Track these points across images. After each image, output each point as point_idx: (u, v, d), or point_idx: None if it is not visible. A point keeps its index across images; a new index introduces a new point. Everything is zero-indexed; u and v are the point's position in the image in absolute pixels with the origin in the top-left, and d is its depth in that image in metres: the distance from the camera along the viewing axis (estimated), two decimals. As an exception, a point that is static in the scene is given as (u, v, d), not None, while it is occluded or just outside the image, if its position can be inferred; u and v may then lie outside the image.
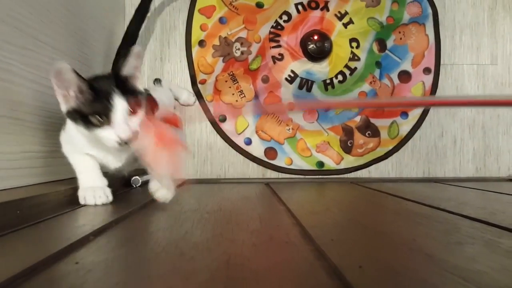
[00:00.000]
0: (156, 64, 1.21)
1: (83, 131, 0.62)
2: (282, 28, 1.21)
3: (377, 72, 1.22)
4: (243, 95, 1.20)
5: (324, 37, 1.19)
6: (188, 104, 1.18)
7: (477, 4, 1.25)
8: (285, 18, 1.21)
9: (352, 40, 1.21)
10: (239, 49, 1.20)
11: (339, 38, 1.21)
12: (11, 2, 0.65)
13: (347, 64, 1.21)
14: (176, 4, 1.21)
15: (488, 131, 1.25)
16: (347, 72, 1.21)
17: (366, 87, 1.22)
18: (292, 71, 1.20)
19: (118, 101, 0.60)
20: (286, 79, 1.21)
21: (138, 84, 0.67)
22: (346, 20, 1.21)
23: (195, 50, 1.20)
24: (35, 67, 0.71)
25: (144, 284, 0.29)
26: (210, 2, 1.20)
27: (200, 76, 1.20)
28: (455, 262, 0.34)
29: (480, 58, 1.25)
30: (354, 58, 1.21)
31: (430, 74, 1.23)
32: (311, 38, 1.19)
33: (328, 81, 1.21)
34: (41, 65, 0.73)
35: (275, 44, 1.21)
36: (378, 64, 1.22)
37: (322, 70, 1.21)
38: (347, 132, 1.21)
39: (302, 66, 1.21)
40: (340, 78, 1.21)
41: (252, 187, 0.98)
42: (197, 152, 1.21)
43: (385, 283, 0.29)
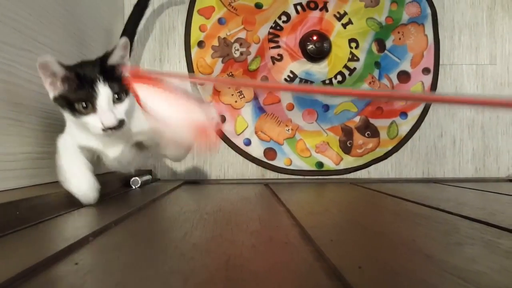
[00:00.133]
0: (155, 65, 1.21)
1: (70, 118, 0.63)
2: (281, 28, 1.21)
3: (376, 73, 1.22)
4: (242, 96, 1.20)
5: (323, 37, 1.20)
6: (187, 105, 1.19)
7: (476, 4, 1.26)
8: (284, 18, 1.21)
9: (351, 40, 1.22)
10: (238, 49, 1.20)
11: (338, 38, 1.21)
12: (10, 3, 0.65)
13: (346, 64, 1.21)
14: (175, 5, 1.22)
15: (488, 131, 1.25)
16: (346, 72, 1.21)
17: (366, 87, 1.22)
18: (291, 72, 1.20)
19: (102, 88, 0.60)
20: (286, 80, 1.21)
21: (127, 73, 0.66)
22: (345, 20, 1.22)
23: (194, 51, 1.20)
24: (34, 68, 0.70)
25: (143, 285, 0.29)
26: (209, 3, 1.20)
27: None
28: (455, 262, 0.34)
29: (479, 58, 1.25)
30: (353, 58, 1.21)
31: (429, 74, 1.23)
32: (310, 39, 1.19)
33: (327, 81, 1.21)
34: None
35: (274, 44, 1.21)
36: (377, 64, 1.22)
37: (321, 70, 1.21)
38: (346, 133, 1.21)
39: (301, 67, 1.21)
40: (339, 78, 1.21)
41: (251, 188, 0.98)
42: (196, 152, 1.21)
43: (384, 284, 0.29)
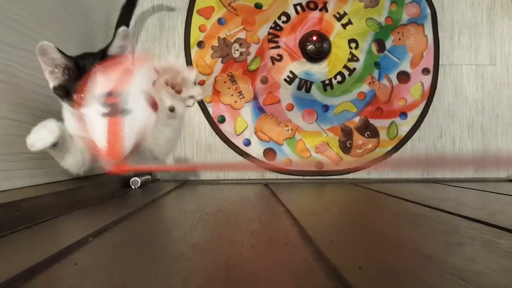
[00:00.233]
0: (155, 65, 1.21)
1: (68, 108, 0.62)
2: (281, 29, 1.21)
3: (376, 73, 1.22)
4: (242, 96, 1.20)
5: (323, 37, 1.20)
6: (187, 105, 1.19)
7: (475, 5, 1.26)
8: (284, 19, 1.21)
9: (351, 40, 1.22)
10: (238, 50, 1.20)
11: (338, 38, 1.21)
12: (10, 4, 0.65)
13: (346, 64, 1.21)
14: (175, 5, 1.22)
15: (487, 132, 1.25)
16: (346, 72, 1.21)
17: (365, 87, 1.22)
18: (291, 72, 1.20)
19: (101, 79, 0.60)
20: (285, 80, 1.21)
21: (127, 63, 0.66)
22: (345, 20, 1.22)
23: (194, 51, 1.20)
24: (34, 68, 0.71)
25: (143, 286, 0.29)
26: (209, 3, 1.20)
27: (199, 77, 1.20)
28: (454, 262, 0.34)
29: (479, 59, 1.26)
30: (353, 58, 1.21)
31: (429, 74, 1.23)
32: (310, 39, 1.19)
33: (327, 81, 1.21)
34: (40, 66, 0.72)
35: (274, 45, 1.21)
36: (377, 64, 1.22)
37: (321, 70, 1.21)
38: (346, 133, 1.21)
39: (301, 67, 1.21)
40: (339, 78, 1.21)
41: (251, 188, 0.98)
42: (196, 153, 1.21)
43: (384, 284, 0.29)
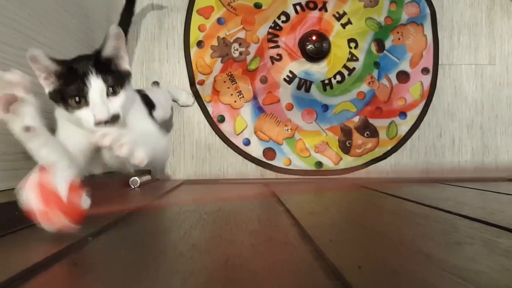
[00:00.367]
0: (155, 65, 1.21)
1: (64, 113, 0.61)
2: (281, 28, 1.21)
3: (375, 73, 1.22)
4: (241, 96, 1.20)
5: (322, 37, 1.20)
6: (187, 105, 1.20)
7: (475, 4, 1.26)
8: (283, 18, 1.21)
9: (350, 40, 1.22)
10: (237, 49, 1.20)
11: (338, 38, 1.21)
12: (9, 4, 0.65)
13: (345, 64, 1.21)
14: (174, 5, 1.21)
15: (487, 131, 1.25)
16: (346, 72, 1.21)
17: (365, 87, 1.22)
18: (291, 72, 1.20)
19: (94, 81, 0.59)
20: (285, 80, 1.21)
21: (125, 64, 0.65)
22: (344, 20, 1.22)
23: (194, 50, 1.20)
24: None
25: (143, 285, 0.29)
26: (208, 3, 1.20)
27: (198, 77, 1.20)
28: (454, 262, 0.34)
29: (478, 58, 1.26)
30: (353, 58, 1.21)
31: (428, 74, 1.23)
32: (310, 39, 1.19)
33: (326, 81, 1.21)
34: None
35: (274, 44, 1.21)
36: (377, 64, 1.22)
37: (320, 70, 1.21)
38: (345, 133, 1.21)
39: (301, 67, 1.21)
40: (338, 78, 1.21)
41: (250, 188, 0.98)
42: (195, 153, 1.21)
43: (384, 283, 0.29)
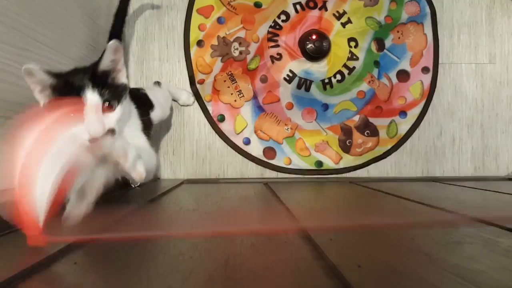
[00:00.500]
0: (155, 64, 1.21)
1: None
2: (281, 27, 1.21)
3: (375, 72, 1.22)
4: (241, 95, 1.20)
5: (322, 36, 1.19)
6: (187, 105, 1.20)
7: (475, 3, 1.26)
8: (283, 17, 1.21)
9: (350, 39, 1.21)
10: (237, 49, 1.20)
11: (338, 37, 1.21)
12: (8, 3, 0.65)
13: (345, 63, 1.21)
14: (174, 4, 1.21)
15: (487, 130, 1.25)
16: (346, 71, 1.21)
17: (365, 86, 1.22)
18: (291, 71, 1.20)
19: (90, 95, 0.56)
20: (285, 79, 1.21)
21: (122, 78, 0.64)
22: (344, 19, 1.21)
23: (194, 50, 1.20)
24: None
25: (143, 285, 0.29)
26: (208, 2, 1.20)
27: (198, 76, 1.20)
28: (454, 261, 0.34)
29: (479, 57, 1.25)
30: (353, 57, 1.21)
31: (428, 73, 1.23)
32: (310, 38, 1.19)
33: (326, 80, 1.21)
34: (40, 65, 0.72)
35: (274, 43, 1.21)
36: (377, 63, 1.22)
37: (320, 69, 1.21)
38: (345, 132, 1.21)
39: (301, 66, 1.21)
40: (338, 77, 1.21)
41: (251, 187, 0.98)
42: (195, 152, 1.21)
43: (384, 283, 0.29)
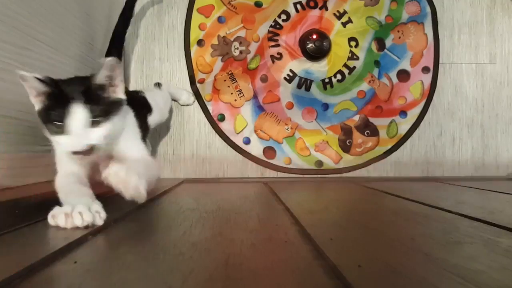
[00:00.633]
0: (155, 64, 1.21)
1: (47, 134, 0.58)
2: (281, 27, 1.21)
3: (376, 71, 1.22)
4: (242, 95, 1.20)
5: (323, 36, 1.19)
6: (187, 104, 1.20)
7: (475, 3, 1.25)
8: (283, 17, 1.21)
9: (351, 39, 1.21)
10: (237, 48, 1.20)
11: (338, 37, 1.21)
12: (9, 2, 0.65)
13: (346, 63, 1.21)
14: (174, 4, 1.21)
15: (487, 130, 1.25)
16: (346, 71, 1.21)
17: (365, 86, 1.22)
18: (291, 70, 1.20)
19: (78, 109, 0.55)
20: (285, 78, 1.20)
21: (118, 93, 0.62)
22: (345, 19, 1.21)
23: (194, 49, 1.20)
24: (33, 66, 0.71)
25: (142, 284, 0.29)
26: (208, 2, 1.20)
27: (198, 76, 1.20)
28: (454, 261, 0.34)
29: (479, 57, 1.25)
30: (353, 57, 1.21)
31: (429, 73, 1.23)
32: (310, 37, 1.19)
33: (327, 80, 1.21)
34: (39, 64, 0.73)
35: (274, 43, 1.21)
36: (377, 63, 1.22)
37: (321, 69, 1.21)
38: (346, 131, 1.21)
39: (301, 65, 1.21)
40: (339, 77, 1.21)
41: (250, 187, 0.98)
42: (196, 152, 1.21)
43: (384, 283, 0.29)
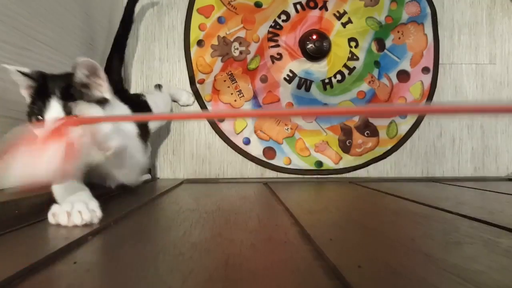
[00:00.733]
0: (155, 64, 1.21)
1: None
2: (281, 27, 1.21)
3: (376, 72, 1.22)
4: (241, 95, 1.20)
5: (322, 36, 1.19)
6: (187, 105, 1.20)
7: (475, 4, 1.26)
8: (283, 17, 1.21)
9: (350, 39, 1.21)
10: (237, 48, 1.20)
11: (338, 37, 1.21)
12: (8, 2, 0.65)
13: (345, 63, 1.21)
14: (174, 4, 1.21)
15: (487, 131, 1.25)
16: (346, 71, 1.21)
17: (365, 86, 1.22)
18: (291, 71, 1.20)
19: (54, 105, 0.57)
20: (285, 79, 1.21)
21: (102, 92, 0.63)
22: (344, 19, 1.21)
23: (194, 50, 1.20)
24: (33, 66, 0.70)
25: (142, 284, 0.29)
26: (208, 2, 1.20)
27: (198, 76, 1.20)
28: (454, 261, 0.34)
29: (479, 58, 1.25)
30: (353, 57, 1.21)
31: (428, 73, 1.23)
32: (310, 38, 1.19)
33: (326, 80, 1.21)
34: (39, 65, 0.72)
35: (274, 43, 1.21)
36: (377, 63, 1.22)
37: (320, 69, 1.21)
38: (345, 132, 1.21)
39: (301, 66, 1.21)
40: (338, 77, 1.21)
41: (250, 187, 0.98)
42: (195, 152, 1.21)
43: (384, 283, 0.29)
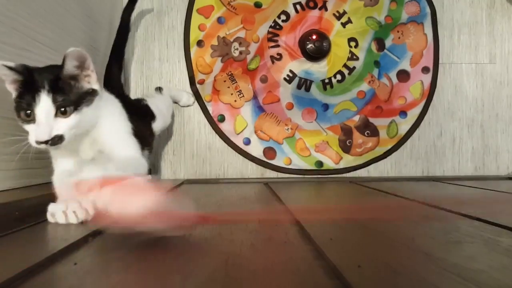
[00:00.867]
0: (155, 65, 1.21)
1: (19, 123, 0.59)
2: (281, 27, 1.21)
3: (375, 72, 1.22)
4: (241, 95, 1.20)
5: (322, 36, 1.19)
6: (188, 105, 1.20)
7: (475, 3, 1.25)
8: (283, 17, 1.21)
9: (350, 39, 1.21)
10: (237, 49, 1.20)
11: (338, 37, 1.21)
12: (8, 3, 0.65)
13: (345, 63, 1.21)
14: (174, 4, 1.21)
15: (487, 130, 1.25)
16: (346, 71, 1.21)
17: (365, 86, 1.22)
18: (291, 71, 1.20)
19: (44, 98, 0.56)
20: (285, 79, 1.20)
21: (91, 83, 0.62)
22: (344, 19, 1.21)
23: (194, 50, 1.20)
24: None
25: (142, 285, 0.29)
26: (208, 2, 1.20)
27: (198, 76, 1.20)
28: (454, 261, 0.34)
29: (479, 57, 1.25)
30: (353, 57, 1.21)
31: (428, 73, 1.23)
32: (310, 38, 1.19)
33: (326, 80, 1.21)
34: (39, 65, 0.72)
35: (274, 44, 1.21)
36: (377, 63, 1.22)
37: (320, 69, 1.21)
38: (346, 132, 1.21)
39: (301, 66, 1.21)
40: (338, 77, 1.21)
41: (251, 187, 0.98)
42: (196, 152, 1.21)
43: (384, 283, 0.29)
